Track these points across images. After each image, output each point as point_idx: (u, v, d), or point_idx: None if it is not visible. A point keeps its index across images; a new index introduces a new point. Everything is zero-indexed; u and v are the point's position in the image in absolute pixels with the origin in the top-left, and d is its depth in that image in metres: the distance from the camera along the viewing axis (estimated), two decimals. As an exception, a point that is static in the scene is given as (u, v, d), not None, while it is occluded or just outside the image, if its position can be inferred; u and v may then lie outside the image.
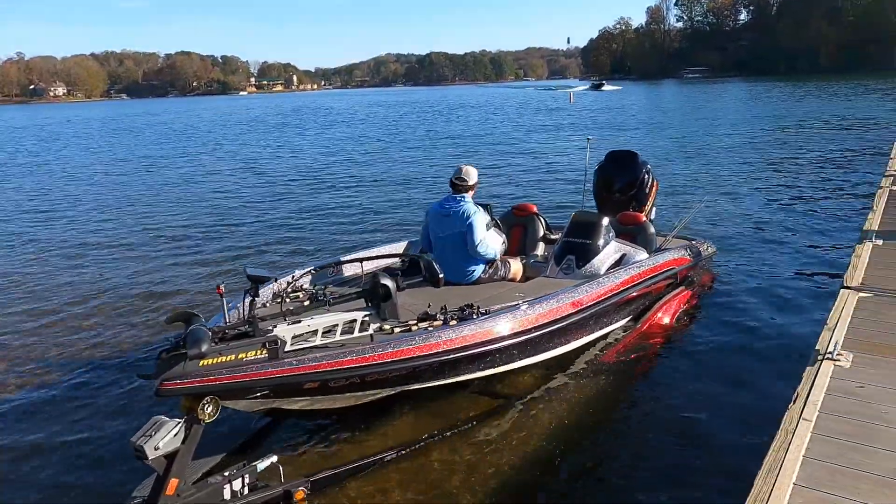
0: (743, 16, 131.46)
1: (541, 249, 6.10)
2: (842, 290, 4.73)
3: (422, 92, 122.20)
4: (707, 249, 6.72)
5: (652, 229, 6.18)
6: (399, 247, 6.04)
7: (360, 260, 5.13)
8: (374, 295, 3.79)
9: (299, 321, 3.50)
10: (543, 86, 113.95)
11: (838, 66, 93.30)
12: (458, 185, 5.20)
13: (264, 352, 3.26)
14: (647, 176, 6.66)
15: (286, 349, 3.37)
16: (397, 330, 3.89)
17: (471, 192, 5.25)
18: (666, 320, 5.62)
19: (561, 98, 56.72)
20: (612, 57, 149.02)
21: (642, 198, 6.63)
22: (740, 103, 40.88)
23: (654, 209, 6.86)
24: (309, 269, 5.03)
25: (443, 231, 5.22)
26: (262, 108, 69.54)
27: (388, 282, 3.79)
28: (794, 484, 2.58)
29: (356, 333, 3.61)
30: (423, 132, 29.81)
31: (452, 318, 4.04)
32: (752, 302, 6.35)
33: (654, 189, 6.74)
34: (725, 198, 11.62)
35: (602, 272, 5.20)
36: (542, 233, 6.18)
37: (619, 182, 6.70)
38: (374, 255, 5.44)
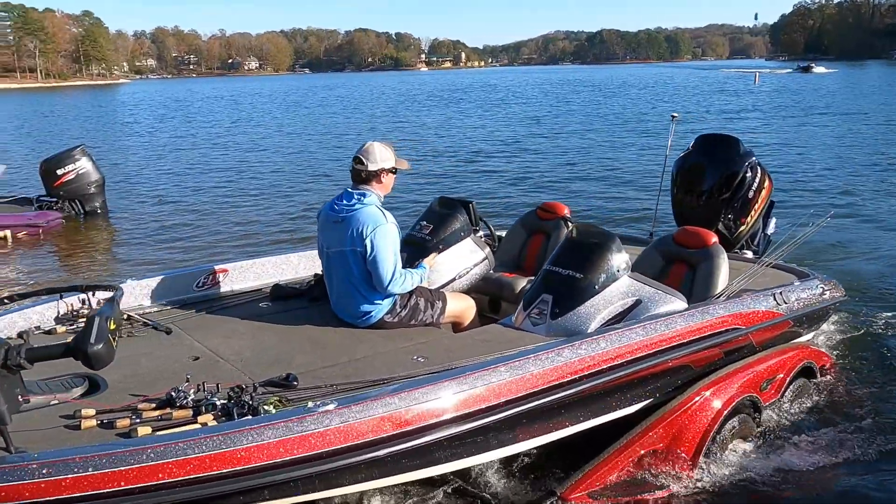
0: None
1: None
2: None
3: (591, 71, 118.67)
4: (825, 292, 4.33)
5: (724, 257, 3.91)
6: (304, 258, 4.39)
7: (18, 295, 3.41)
8: None
9: None
10: (734, 66, 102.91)
11: None
12: (356, 172, 3.47)
13: None
14: (750, 172, 4.84)
15: None
16: (89, 423, 2.38)
17: (379, 186, 3.49)
18: (717, 404, 3.43)
19: (747, 80, 52.86)
20: (806, 35, 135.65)
21: (742, 203, 4.83)
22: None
23: (772, 221, 5.18)
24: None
25: (331, 245, 3.51)
26: (462, 83, 70.98)
27: None
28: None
29: None
30: (589, 112, 29.20)
31: (211, 409, 2.44)
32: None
33: (763, 192, 4.89)
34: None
35: (590, 328, 3.31)
36: None
37: (710, 179, 4.90)
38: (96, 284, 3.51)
